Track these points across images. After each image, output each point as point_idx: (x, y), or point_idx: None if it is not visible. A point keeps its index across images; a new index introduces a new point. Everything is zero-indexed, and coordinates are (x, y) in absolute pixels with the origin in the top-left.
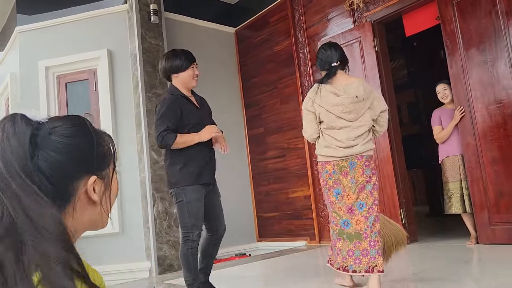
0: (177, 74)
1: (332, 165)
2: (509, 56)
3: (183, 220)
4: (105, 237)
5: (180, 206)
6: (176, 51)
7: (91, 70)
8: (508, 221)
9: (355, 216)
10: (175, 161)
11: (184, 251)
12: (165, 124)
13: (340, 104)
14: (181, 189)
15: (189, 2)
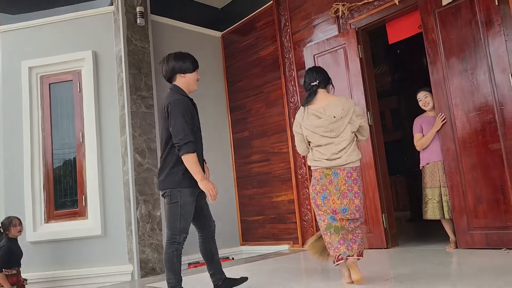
0: (184, 74)
1: (319, 172)
2: (488, 65)
3: (173, 221)
4: (87, 239)
5: (174, 207)
6: (184, 53)
7: (76, 71)
8: (486, 226)
9: (338, 217)
10: (180, 164)
11: (169, 253)
12: (191, 134)
13: (321, 125)
14: (178, 191)
15: (176, 6)
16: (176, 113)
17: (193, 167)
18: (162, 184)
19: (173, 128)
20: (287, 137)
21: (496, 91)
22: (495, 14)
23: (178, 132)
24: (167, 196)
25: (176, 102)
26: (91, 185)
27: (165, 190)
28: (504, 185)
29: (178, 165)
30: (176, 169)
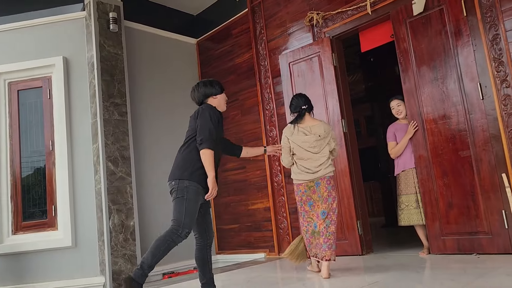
0: (216, 96)
1: (304, 185)
2: (457, 74)
3: (179, 215)
4: (57, 251)
5: (180, 201)
6: (211, 80)
7: (46, 77)
8: (458, 232)
9: (319, 220)
10: (195, 161)
11: (165, 237)
12: (213, 134)
13: (307, 141)
14: (186, 186)
15: (151, 12)
16: (205, 114)
17: (208, 162)
18: (171, 176)
19: (200, 125)
20: (262, 145)
21: (466, 99)
22: (463, 25)
23: (204, 130)
24: (174, 191)
25: (207, 107)
26: (61, 194)
27: (172, 184)
28: (474, 192)
29: (193, 160)
30: (188, 164)
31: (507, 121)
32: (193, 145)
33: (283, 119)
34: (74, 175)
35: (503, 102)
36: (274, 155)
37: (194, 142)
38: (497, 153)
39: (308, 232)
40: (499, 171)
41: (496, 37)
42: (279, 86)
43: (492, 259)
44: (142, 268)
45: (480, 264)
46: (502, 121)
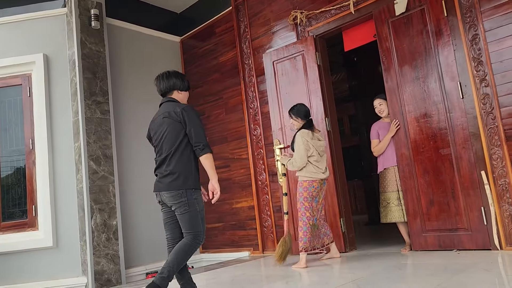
0: (181, 92)
1: (318, 182)
2: (438, 73)
3: (196, 227)
4: (38, 252)
5: (194, 214)
6: (181, 73)
7: (25, 75)
8: (438, 228)
9: (319, 214)
10: (195, 164)
11: (190, 249)
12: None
13: (320, 146)
14: (195, 198)
15: (133, 9)
16: (194, 118)
17: (210, 165)
18: (174, 186)
19: (194, 130)
20: (247, 143)
21: (446, 98)
22: (444, 25)
23: (199, 134)
24: (183, 204)
25: (191, 108)
26: (42, 194)
27: (178, 196)
28: (454, 189)
29: (191, 168)
30: (188, 172)
31: (486, 119)
32: (187, 150)
33: (267, 118)
34: (55, 175)
35: (482, 101)
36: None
37: (187, 147)
38: (477, 151)
39: (307, 225)
40: (479, 168)
41: (476, 37)
42: (263, 84)
43: (472, 255)
44: (169, 276)
45: (460, 260)
46: (481, 119)
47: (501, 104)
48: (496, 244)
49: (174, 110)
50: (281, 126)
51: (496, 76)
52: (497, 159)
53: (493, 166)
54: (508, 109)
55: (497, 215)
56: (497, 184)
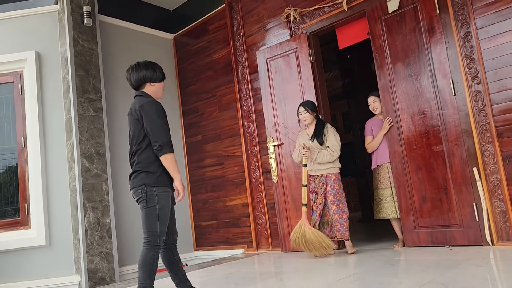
0: (154, 83)
1: None
2: (431, 71)
3: (152, 226)
4: (31, 250)
5: (152, 211)
6: (153, 63)
7: (17, 72)
8: (431, 224)
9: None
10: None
11: (149, 256)
12: (169, 134)
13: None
14: (155, 194)
15: (126, 6)
16: (152, 114)
17: (172, 165)
18: (136, 183)
19: (150, 128)
20: (240, 141)
21: (439, 95)
22: (436, 23)
23: (157, 132)
24: (142, 200)
25: (149, 104)
26: (35, 192)
27: (139, 192)
28: (446, 185)
29: (154, 164)
30: (152, 169)
31: (478, 116)
32: (149, 148)
33: (260, 115)
34: (47, 173)
35: (474, 98)
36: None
37: (150, 145)
38: (469, 148)
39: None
40: (471, 165)
41: (468, 35)
42: (257, 82)
43: (464, 250)
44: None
45: (452, 256)
46: (473, 116)
47: (492, 101)
48: (488, 240)
49: (135, 107)
50: (275, 124)
51: (488, 74)
52: (489, 155)
53: (485, 163)
54: (499, 106)
55: (488, 211)
56: (489, 181)
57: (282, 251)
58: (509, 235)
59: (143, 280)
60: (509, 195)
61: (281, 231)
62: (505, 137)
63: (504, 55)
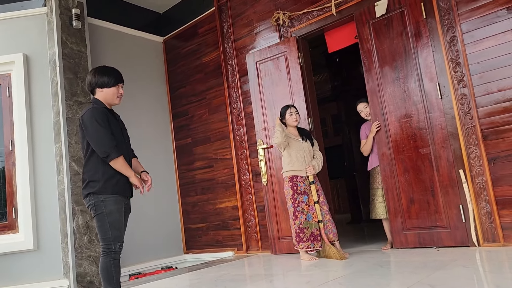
0: (102, 89)
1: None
2: (418, 74)
3: (104, 232)
4: (19, 254)
5: (101, 218)
6: (106, 68)
7: (5, 75)
8: (418, 226)
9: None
10: (103, 170)
11: (105, 263)
12: (112, 137)
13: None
14: (102, 201)
15: (115, 9)
16: (90, 123)
17: (122, 168)
18: (84, 192)
19: (91, 137)
20: (230, 144)
21: (426, 98)
22: (423, 27)
23: (98, 140)
24: (91, 207)
25: (86, 114)
26: (22, 196)
27: (88, 199)
28: (433, 187)
29: (98, 173)
30: (96, 177)
31: (464, 119)
32: (94, 155)
33: (250, 118)
34: (35, 176)
35: (460, 101)
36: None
37: (93, 153)
38: (455, 150)
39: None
40: (457, 167)
41: (454, 39)
42: (247, 85)
43: (451, 251)
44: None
45: (439, 257)
46: (459, 119)
47: (478, 104)
48: (474, 241)
49: (81, 115)
50: (264, 127)
51: (474, 77)
52: (474, 158)
53: (471, 165)
54: (485, 109)
55: (475, 212)
56: (475, 183)
57: (272, 253)
58: (494, 236)
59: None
60: (494, 196)
61: (271, 233)
62: (490, 139)
63: (489, 59)
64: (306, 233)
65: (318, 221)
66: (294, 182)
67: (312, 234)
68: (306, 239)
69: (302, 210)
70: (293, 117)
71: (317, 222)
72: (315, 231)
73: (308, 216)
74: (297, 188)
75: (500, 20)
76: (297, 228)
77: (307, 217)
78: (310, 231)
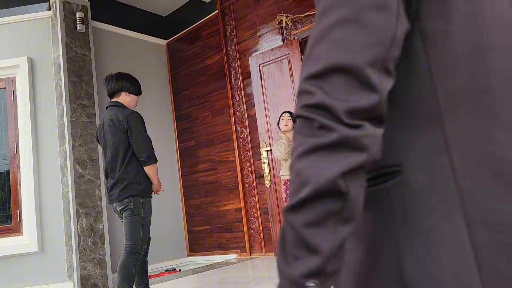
0: (130, 94)
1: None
2: None
3: (135, 234)
4: (23, 256)
5: (136, 219)
6: (133, 76)
7: (9, 78)
8: None
9: None
10: (143, 173)
11: (129, 262)
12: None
13: None
14: (141, 203)
15: (119, 12)
16: (138, 127)
17: (154, 174)
18: (123, 194)
19: (136, 141)
20: (233, 146)
21: None
22: None
23: (145, 146)
24: (128, 209)
25: (134, 116)
26: (27, 198)
27: (125, 202)
28: None
29: (139, 176)
30: (138, 180)
31: None
32: (133, 160)
33: (253, 121)
34: (40, 179)
35: None
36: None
37: (134, 156)
38: None
39: None
40: None
41: None
42: (250, 87)
43: None
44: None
45: None
46: None
47: None
48: None
49: (117, 118)
50: (268, 129)
51: None
52: None
53: None
54: None
55: None
56: None
57: (276, 255)
58: None
59: (121, 285)
60: None
61: (274, 235)
62: None
63: None
64: None
65: None
66: (288, 186)
67: None
68: None
69: None
70: (283, 122)
71: None
72: None
73: None
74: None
75: None
76: None
77: None
78: None
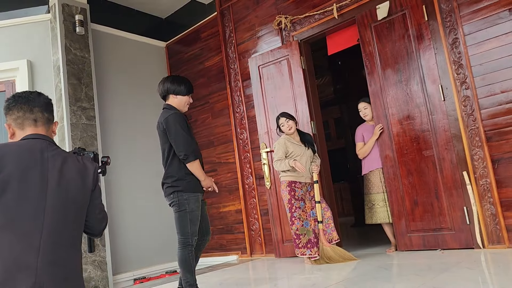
0: (177, 96)
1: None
2: (420, 76)
3: (184, 228)
4: None
5: (183, 215)
6: (181, 77)
7: (9, 81)
8: (422, 228)
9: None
10: (186, 171)
11: (184, 255)
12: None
13: None
14: (185, 199)
15: (118, 15)
16: (174, 126)
17: (197, 171)
18: (168, 190)
19: (174, 140)
20: (233, 147)
21: (428, 100)
22: (425, 29)
23: (180, 143)
24: (174, 204)
25: (171, 117)
26: None
27: (171, 197)
28: (437, 189)
29: (181, 173)
30: (180, 176)
31: (467, 121)
32: (175, 159)
33: (253, 122)
34: None
35: (463, 103)
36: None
37: (175, 154)
38: (458, 152)
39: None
40: (461, 169)
41: (456, 41)
42: (249, 89)
43: (455, 254)
44: (192, 285)
45: (444, 259)
46: (462, 121)
47: (481, 106)
48: (478, 243)
49: (160, 120)
50: (267, 130)
51: (476, 79)
52: (478, 159)
53: (475, 167)
54: (488, 110)
55: (479, 214)
56: (479, 184)
57: (276, 257)
58: (499, 238)
59: (185, 276)
60: (499, 198)
61: (275, 237)
62: (494, 141)
63: (491, 60)
64: (302, 239)
65: (318, 222)
66: (292, 188)
67: (309, 241)
68: (302, 245)
69: (299, 216)
70: (286, 126)
71: (317, 224)
72: (312, 238)
73: (305, 223)
74: (295, 194)
75: (502, 21)
76: (293, 233)
77: (304, 224)
78: (307, 238)
